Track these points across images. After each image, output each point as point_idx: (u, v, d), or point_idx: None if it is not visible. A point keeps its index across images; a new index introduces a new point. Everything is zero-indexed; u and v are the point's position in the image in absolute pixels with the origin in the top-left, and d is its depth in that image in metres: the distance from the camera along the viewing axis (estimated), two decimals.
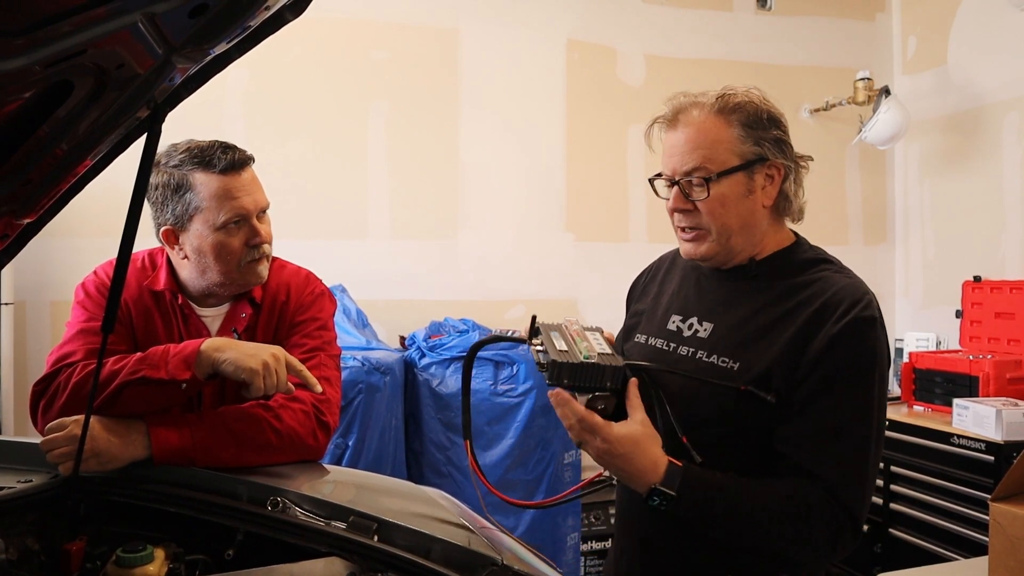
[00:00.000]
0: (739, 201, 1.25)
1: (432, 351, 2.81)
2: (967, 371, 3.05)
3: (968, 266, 3.60)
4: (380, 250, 3.38)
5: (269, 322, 1.51)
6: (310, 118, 3.29)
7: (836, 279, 1.25)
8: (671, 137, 1.29)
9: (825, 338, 1.17)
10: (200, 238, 1.43)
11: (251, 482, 1.24)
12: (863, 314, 1.18)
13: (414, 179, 3.43)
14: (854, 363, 1.17)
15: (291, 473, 1.31)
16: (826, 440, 1.16)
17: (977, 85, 3.61)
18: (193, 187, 1.41)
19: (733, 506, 1.15)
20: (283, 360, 1.30)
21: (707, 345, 1.28)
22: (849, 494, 1.16)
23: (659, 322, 1.39)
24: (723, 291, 1.33)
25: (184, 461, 1.25)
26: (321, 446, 1.37)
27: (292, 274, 1.57)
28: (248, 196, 1.44)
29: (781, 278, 1.28)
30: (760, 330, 1.24)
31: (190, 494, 1.22)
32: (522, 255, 3.56)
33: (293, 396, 1.37)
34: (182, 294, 1.49)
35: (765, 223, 1.30)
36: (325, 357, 1.46)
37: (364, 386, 2.51)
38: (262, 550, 1.22)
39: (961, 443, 2.80)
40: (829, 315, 1.19)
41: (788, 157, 1.28)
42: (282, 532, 1.16)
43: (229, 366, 1.27)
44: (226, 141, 1.45)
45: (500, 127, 3.52)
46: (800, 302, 1.23)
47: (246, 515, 1.18)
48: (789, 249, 1.32)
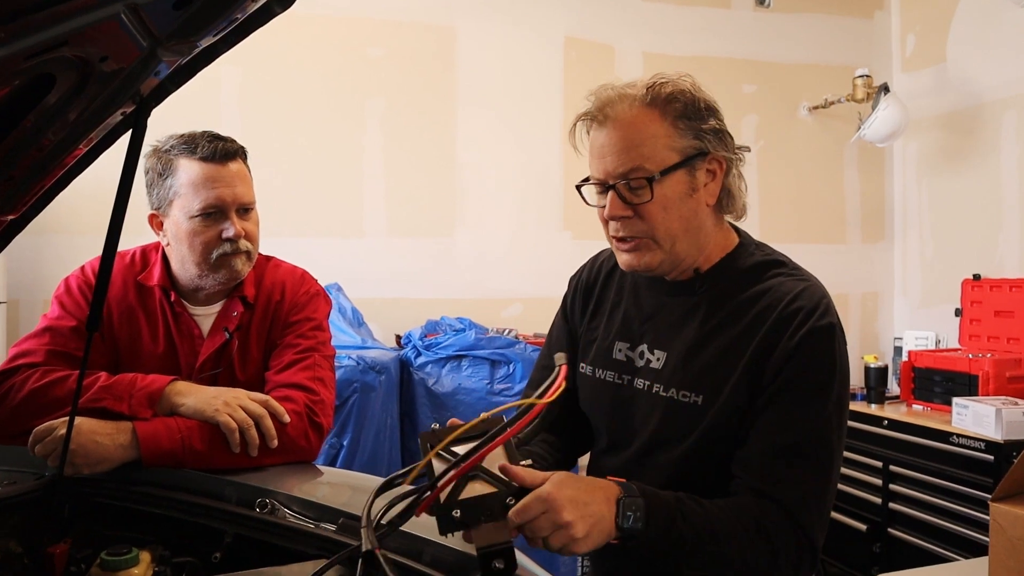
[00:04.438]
0: (682, 202, 1.15)
1: (428, 350, 2.79)
2: (966, 370, 3.04)
3: (967, 264, 3.58)
4: (376, 248, 3.37)
5: (263, 322, 1.49)
6: (306, 116, 3.28)
7: (789, 285, 1.16)
8: (599, 136, 1.16)
9: (783, 353, 1.10)
10: (177, 225, 1.42)
11: (240, 483, 1.22)
12: (820, 323, 1.11)
13: (410, 177, 3.41)
14: (813, 377, 1.10)
15: (282, 474, 1.29)
16: (784, 460, 1.08)
17: (976, 83, 3.59)
18: (175, 172, 1.40)
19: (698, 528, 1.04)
20: (243, 398, 1.28)
21: (663, 378, 1.20)
22: (808, 519, 1.08)
23: (604, 350, 1.29)
24: (669, 311, 1.23)
25: (173, 463, 1.23)
26: (314, 447, 1.35)
27: (287, 273, 1.55)
28: (227, 188, 1.41)
29: (731, 291, 1.19)
30: (717, 355, 1.15)
31: (177, 496, 1.20)
32: (519, 253, 3.54)
33: (286, 396, 1.35)
34: (175, 291, 1.46)
35: (710, 224, 1.20)
36: (319, 358, 1.44)
37: (359, 385, 2.49)
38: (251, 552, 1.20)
39: (961, 442, 2.79)
40: (785, 328, 1.11)
41: (729, 149, 1.18)
42: (270, 534, 1.14)
43: (188, 410, 1.26)
44: (221, 134, 1.43)
45: (497, 125, 3.50)
46: (755, 316, 1.14)
47: (234, 517, 1.15)
48: (735, 253, 1.23)
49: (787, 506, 1.07)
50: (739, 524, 1.05)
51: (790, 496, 1.07)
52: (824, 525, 1.10)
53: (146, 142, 1.46)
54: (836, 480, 1.13)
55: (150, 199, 1.44)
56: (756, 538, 1.05)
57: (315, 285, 1.57)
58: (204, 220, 1.40)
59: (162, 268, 1.47)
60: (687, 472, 1.18)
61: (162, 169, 1.41)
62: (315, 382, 1.39)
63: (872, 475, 3.13)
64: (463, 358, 2.75)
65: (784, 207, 3.88)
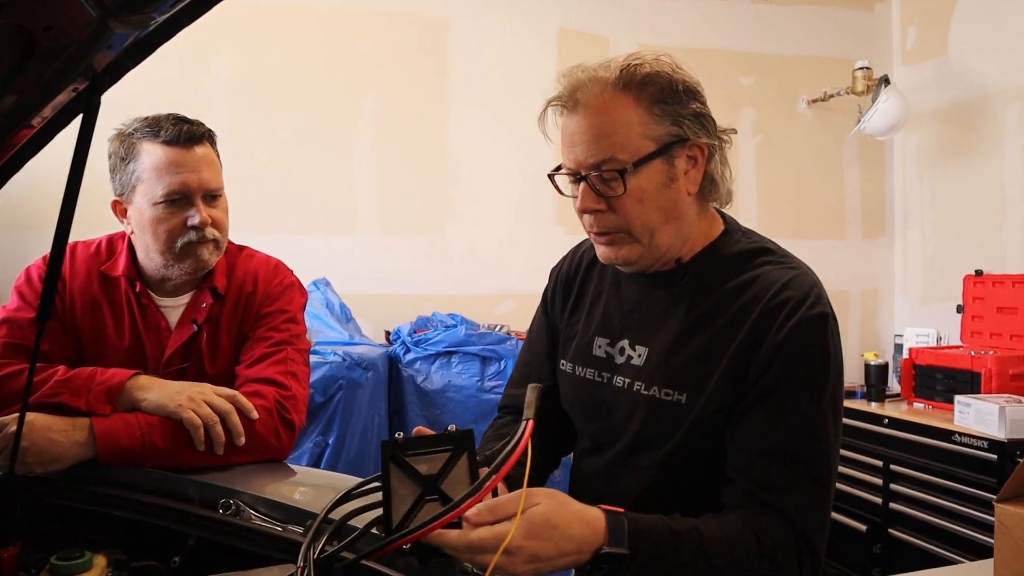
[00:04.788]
0: (660, 193, 1.07)
1: (417, 346, 2.73)
2: (969, 367, 2.98)
3: (969, 260, 3.52)
4: (368, 244, 3.33)
5: (234, 313, 1.43)
6: (295, 110, 3.23)
7: (777, 274, 1.08)
8: (570, 123, 1.07)
9: (771, 347, 1.02)
10: (140, 212, 1.36)
11: (204, 483, 1.16)
12: (811, 313, 1.03)
13: (402, 172, 3.36)
14: (805, 372, 1.02)
15: (250, 474, 1.23)
16: (779, 464, 1.01)
17: (978, 75, 3.53)
18: (138, 156, 1.34)
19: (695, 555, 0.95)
20: (209, 393, 1.22)
21: (644, 375, 1.12)
22: (809, 525, 1.00)
23: (584, 347, 1.22)
24: (650, 304, 1.16)
25: (132, 461, 1.17)
26: (285, 445, 1.29)
27: (260, 264, 1.49)
28: (193, 173, 1.34)
29: (715, 282, 1.11)
30: (701, 350, 1.07)
31: (137, 497, 1.14)
32: (513, 249, 3.48)
33: (255, 392, 1.29)
34: (141, 282, 1.40)
35: (692, 213, 1.12)
36: (292, 351, 1.38)
37: (345, 382, 2.42)
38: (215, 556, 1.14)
39: (963, 441, 2.74)
40: (773, 319, 1.03)
41: (711, 134, 1.09)
42: (234, 537, 1.08)
43: (150, 405, 1.20)
44: (187, 116, 1.37)
45: (490, 118, 3.44)
46: (740, 308, 1.06)
47: (195, 519, 1.09)
48: (719, 241, 1.14)
49: (787, 514, 1.00)
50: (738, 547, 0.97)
51: (789, 503, 1.00)
52: (825, 531, 1.03)
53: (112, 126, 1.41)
54: (835, 482, 1.06)
55: (113, 185, 1.38)
56: (757, 559, 0.97)
57: (289, 276, 1.51)
58: (168, 207, 1.34)
59: (128, 258, 1.41)
60: (672, 473, 1.11)
61: (124, 153, 1.35)
62: (287, 377, 1.32)
63: (872, 474, 3.07)
64: (453, 354, 2.69)
65: (783, 202, 3.82)
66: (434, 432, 0.93)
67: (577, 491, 1.27)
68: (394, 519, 0.84)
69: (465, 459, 0.88)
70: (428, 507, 0.85)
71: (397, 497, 0.85)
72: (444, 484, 0.87)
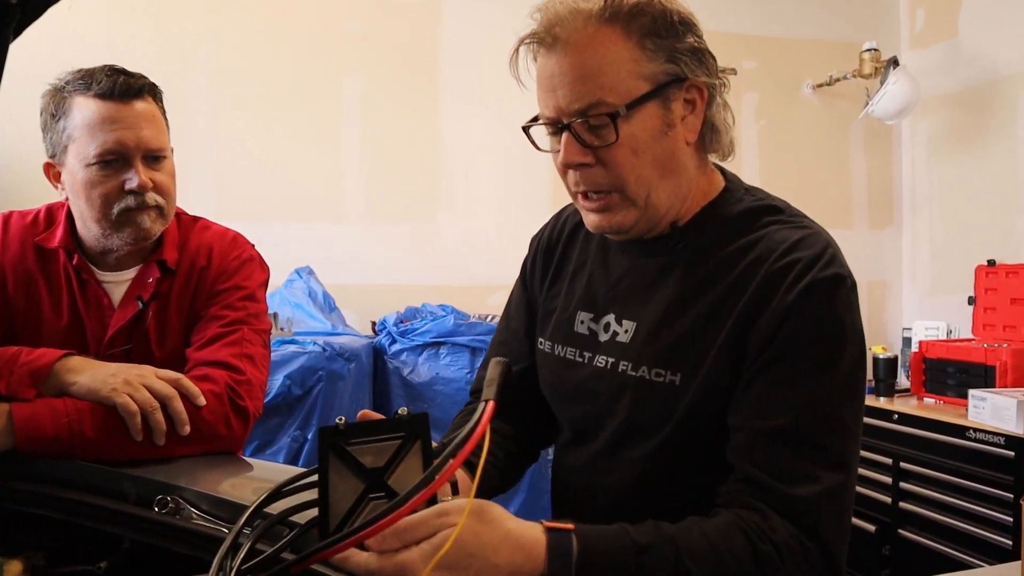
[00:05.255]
0: (656, 142, 0.92)
1: (403, 336, 2.60)
2: (982, 360, 2.86)
3: (980, 250, 3.40)
4: (354, 233, 3.23)
5: (185, 290, 1.29)
6: (279, 94, 3.14)
7: (784, 234, 0.94)
8: (549, 64, 0.92)
9: (777, 312, 0.88)
10: (73, 175, 1.22)
11: (141, 479, 1.02)
12: (825, 273, 0.89)
13: (391, 158, 3.27)
14: (818, 341, 0.88)
15: (196, 468, 1.09)
16: (787, 446, 0.86)
17: (990, 58, 3.41)
18: (69, 112, 1.20)
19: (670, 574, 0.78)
20: (149, 376, 1.08)
21: (631, 353, 0.98)
22: (822, 521, 0.84)
23: (564, 323, 1.08)
24: (640, 272, 1.02)
25: (58, 452, 1.03)
26: (236, 435, 1.15)
27: (216, 236, 1.35)
28: (130, 130, 1.20)
29: (713, 246, 0.96)
30: (697, 323, 0.93)
31: (63, 494, 1.00)
32: (505, 239, 3.37)
33: (204, 375, 1.15)
34: (80, 254, 1.26)
35: (691, 166, 0.98)
36: (249, 332, 1.24)
37: (325, 373, 2.29)
38: (153, 561, 1.00)
39: (978, 437, 2.61)
40: (779, 282, 0.89)
41: (711, 73, 0.95)
42: (170, 539, 0.94)
43: (80, 389, 1.06)
44: (126, 68, 1.23)
45: (483, 103, 3.33)
46: (742, 273, 0.92)
47: (129, 519, 0.95)
48: (719, 200, 1.00)
49: (796, 507, 0.84)
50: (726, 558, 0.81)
51: (800, 493, 0.84)
52: (844, 532, 0.87)
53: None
54: (855, 474, 0.90)
55: (45, 145, 1.24)
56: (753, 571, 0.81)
57: (248, 249, 1.37)
58: (102, 168, 1.20)
59: (66, 228, 1.27)
60: (665, 466, 0.96)
61: (55, 109, 1.21)
62: (241, 359, 1.18)
63: (881, 472, 2.95)
64: (441, 345, 2.55)
65: (786, 190, 3.60)
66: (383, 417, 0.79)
67: (559, 489, 1.13)
68: (331, 520, 0.70)
69: (418, 448, 0.74)
70: (374, 506, 0.71)
71: (336, 494, 0.71)
72: (392, 478, 0.73)
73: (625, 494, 0.99)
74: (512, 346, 1.16)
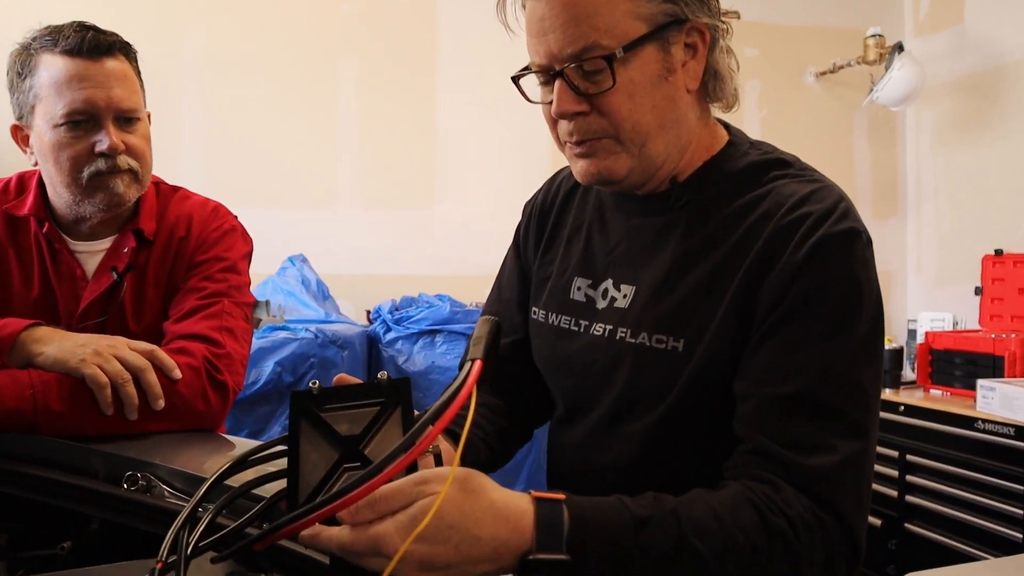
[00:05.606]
0: (654, 87, 0.86)
1: (398, 324, 2.54)
2: (990, 351, 2.81)
3: (987, 239, 3.34)
4: (348, 220, 3.18)
5: (163, 261, 1.23)
6: (272, 78, 3.09)
7: (793, 188, 0.88)
8: (538, 7, 0.86)
9: (787, 269, 0.82)
10: (40, 137, 1.16)
11: (112, 455, 0.96)
12: (838, 227, 0.82)
13: (386, 144, 3.22)
14: (832, 299, 0.81)
15: (171, 444, 1.03)
16: (799, 413, 0.79)
17: (997, 44, 3.35)
18: (36, 70, 1.14)
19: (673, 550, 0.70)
20: (121, 347, 1.02)
21: (630, 319, 0.92)
22: (840, 495, 0.78)
23: (559, 290, 1.02)
24: (638, 233, 0.96)
25: (23, 427, 0.97)
26: (215, 412, 1.08)
27: (197, 206, 1.29)
28: (99, 89, 1.14)
29: (718, 202, 0.91)
30: (701, 284, 0.87)
31: (27, 470, 0.94)
32: (504, 227, 3.24)
33: (181, 348, 1.09)
34: (51, 223, 1.20)
35: (692, 117, 0.92)
36: (229, 304, 1.18)
37: (317, 360, 2.23)
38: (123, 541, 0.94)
39: (987, 428, 2.56)
40: (789, 237, 0.83)
41: (713, 14, 0.89)
42: (139, 518, 0.87)
43: (47, 360, 1.00)
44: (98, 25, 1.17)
45: (481, 88, 3.27)
46: (748, 230, 0.86)
47: (91, 496, 0.89)
48: (723, 154, 0.94)
49: (812, 479, 0.77)
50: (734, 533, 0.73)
51: (814, 464, 0.77)
52: (863, 507, 0.80)
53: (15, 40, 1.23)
54: (875, 445, 0.83)
55: (12, 106, 1.18)
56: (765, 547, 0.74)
57: (230, 220, 1.31)
58: (71, 129, 1.14)
59: (37, 195, 1.21)
60: (667, 440, 0.89)
61: (21, 68, 1.16)
62: (221, 332, 1.12)
63: (887, 466, 2.88)
64: (437, 333, 2.49)
65: None
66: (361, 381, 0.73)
67: (554, 468, 1.06)
68: (301, 493, 0.64)
69: (399, 415, 0.67)
70: (348, 477, 0.65)
71: (308, 464, 0.65)
72: (370, 448, 0.66)
73: (624, 471, 0.92)
74: (504, 317, 1.10)
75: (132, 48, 1.20)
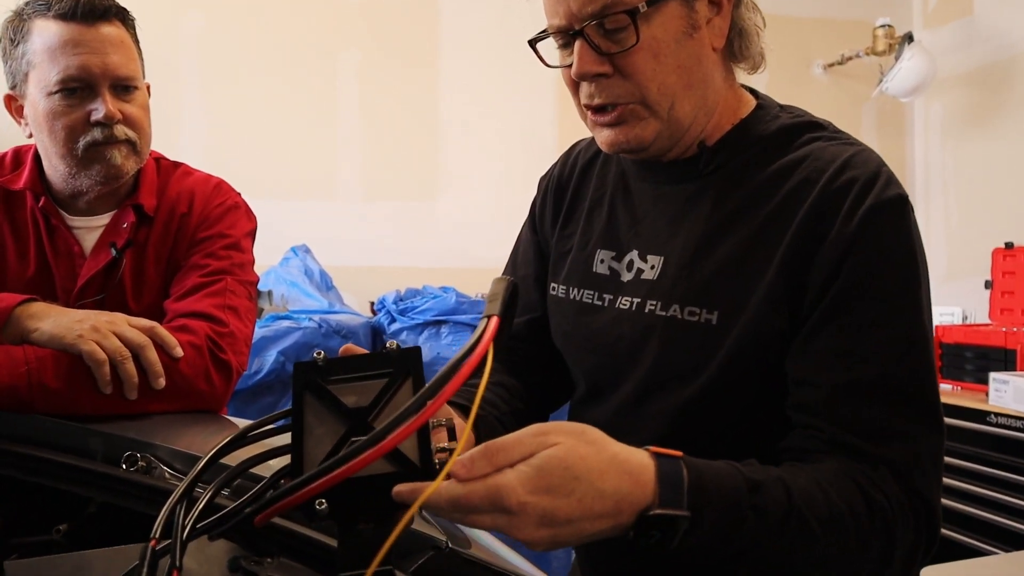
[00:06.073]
0: (679, 46, 0.82)
1: (403, 315, 2.50)
2: (1002, 344, 2.77)
3: (998, 232, 3.30)
4: (351, 212, 3.16)
5: (164, 238, 1.19)
6: (273, 69, 3.08)
7: (833, 151, 0.83)
8: None
9: (840, 242, 0.77)
10: (34, 106, 1.12)
11: (110, 435, 0.92)
12: (888, 194, 0.78)
13: (389, 135, 3.20)
14: (891, 273, 0.77)
15: (172, 425, 0.99)
16: (872, 401, 0.75)
17: (1008, 35, 3.31)
18: (29, 36, 1.10)
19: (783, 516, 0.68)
20: (120, 323, 0.98)
21: (659, 291, 0.87)
22: (925, 482, 0.75)
23: (581, 262, 0.98)
24: (666, 201, 0.91)
25: (16, 405, 0.93)
26: (217, 392, 1.04)
27: (199, 182, 1.25)
28: (95, 55, 1.09)
29: (750, 166, 0.86)
30: (737, 253, 0.83)
31: (21, 450, 0.90)
32: (508, 219, 3.23)
33: (183, 326, 1.05)
34: (48, 197, 1.16)
35: (718, 77, 0.88)
36: (233, 282, 1.14)
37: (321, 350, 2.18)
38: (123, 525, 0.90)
39: (1000, 422, 2.53)
40: (837, 206, 0.79)
41: None
42: (139, 500, 0.83)
43: (42, 336, 0.96)
44: None
45: (485, 78, 3.26)
46: (788, 195, 0.82)
47: (88, 476, 0.85)
48: (752, 118, 0.89)
49: (894, 468, 0.74)
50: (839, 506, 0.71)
51: (895, 454, 0.74)
52: (940, 486, 0.77)
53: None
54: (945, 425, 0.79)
55: (5, 75, 1.14)
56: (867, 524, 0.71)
57: (234, 196, 1.27)
58: (65, 97, 1.10)
59: (33, 168, 1.17)
60: (699, 420, 0.85)
61: (13, 34, 1.12)
62: (224, 311, 1.08)
63: None
64: (442, 324, 2.45)
65: None
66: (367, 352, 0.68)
67: None
68: (306, 467, 0.58)
69: (409, 386, 0.63)
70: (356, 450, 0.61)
71: (313, 438, 0.60)
72: (378, 420, 0.61)
73: None
74: (520, 295, 1.05)
75: (130, 15, 1.16)
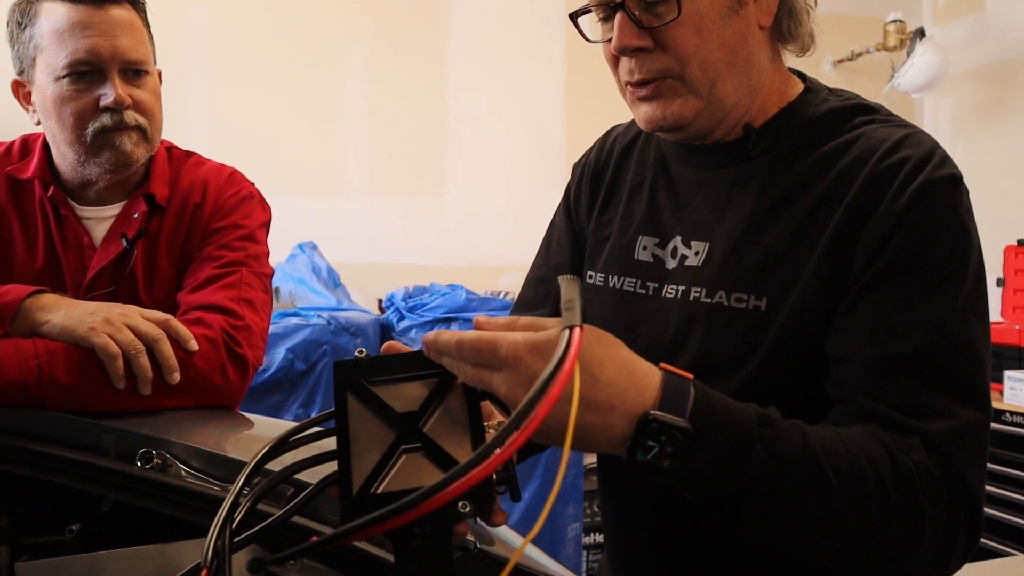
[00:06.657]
0: (724, 22, 0.79)
1: (412, 312, 2.47)
2: (1016, 342, 2.77)
3: (1009, 229, 3.26)
4: (358, 208, 3.14)
5: (176, 229, 1.15)
6: (279, 62, 3.05)
7: (885, 132, 0.80)
8: None
9: (888, 218, 0.74)
10: (42, 92, 1.09)
11: (124, 431, 0.88)
12: (940, 172, 0.75)
13: (396, 130, 3.18)
14: (939, 250, 0.74)
15: (188, 421, 0.95)
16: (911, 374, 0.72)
17: (1019, 30, 3.28)
18: (37, 19, 1.07)
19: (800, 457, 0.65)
20: (133, 315, 0.95)
21: (705, 277, 0.84)
22: (964, 460, 0.70)
23: (622, 249, 0.95)
24: (710, 186, 0.88)
25: (26, 400, 0.90)
26: (233, 387, 1.01)
27: (212, 172, 1.22)
28: (104, 38, 1.06)
29: (798, 149, 0.83)
30: (785, 238, 0.80)
31: (32, 446, 0.86)
32: (516, 215, 3.26)
33: (198, 319, 1.02)
34: (56, 186, 1.13)
35: (764, 58, 0.85)
36: (248, 274, 1.10)
37: (330, 347, 2.16)
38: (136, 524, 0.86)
39: (1015, 421, 2.52)
40: (887, 184, 0.75)
41: None
42: (155, 498, 0.80)
43: (53, 329, 0.93)
44: None
45: (494, 71, 3.23)
46: (838, 177, 0.79)
47: (102, 474, 0.82)
48: (800, 101, 0.86)
49: (933, 441, 0.69)
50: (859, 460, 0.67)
51: (933, 428, 0.70)
52: (984, 476, 0.73)
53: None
54: (991, 411, 0.75)
55: (12, 60, 1.11)
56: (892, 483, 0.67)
57: (248, 186, 1.23)
58: (74, 82, 1.07)
59: (42, 157, 1.13)
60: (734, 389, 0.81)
61: (20, 17, 1.08)
62: (240, 303, 1.05)
63: None
64: (452, 321, 2.42)
65: None
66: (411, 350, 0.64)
67: None
68: (355, 478, 0.55)
69: (460, 388, 0.59)
70: (408, 461, 0.56)
71: (359, 446, 0.56)
72: (429, 426, 0.57)
73: None
74: (553, 284, 1.02)
75: None
